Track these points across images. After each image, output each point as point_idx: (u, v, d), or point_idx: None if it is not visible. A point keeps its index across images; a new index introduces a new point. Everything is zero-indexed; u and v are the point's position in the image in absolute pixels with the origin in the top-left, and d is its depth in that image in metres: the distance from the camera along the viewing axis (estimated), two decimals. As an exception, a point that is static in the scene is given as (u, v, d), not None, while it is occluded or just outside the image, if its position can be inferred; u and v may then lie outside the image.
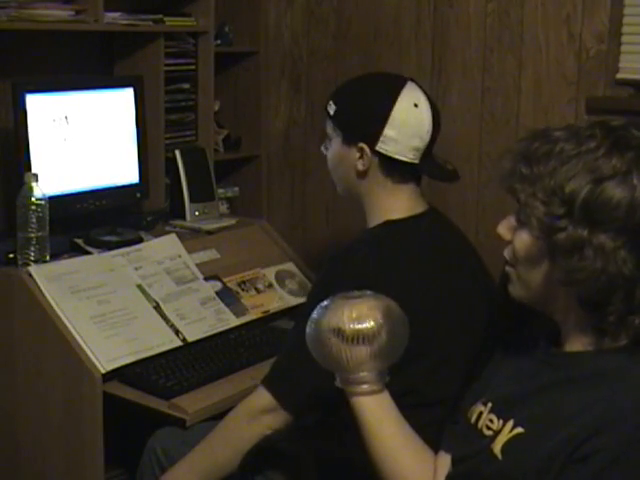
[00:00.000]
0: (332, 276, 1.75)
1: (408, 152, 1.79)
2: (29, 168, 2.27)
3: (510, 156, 1.29)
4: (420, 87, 1.85)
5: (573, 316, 1.28)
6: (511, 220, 1.32)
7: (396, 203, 1.81)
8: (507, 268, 1.34)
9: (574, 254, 1.20)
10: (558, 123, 2.36)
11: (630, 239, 1.19)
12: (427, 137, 1.81)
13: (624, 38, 2.45)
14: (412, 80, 1.85)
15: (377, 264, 1.71)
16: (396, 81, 1.84)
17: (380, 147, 1.78)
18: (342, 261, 1.76)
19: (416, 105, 1.80)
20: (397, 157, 1.79)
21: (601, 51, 2.43)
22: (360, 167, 1.81)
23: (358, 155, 1.81)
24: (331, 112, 1.86)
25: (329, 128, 1.88)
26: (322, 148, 1.94)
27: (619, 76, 2.46)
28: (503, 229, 1.33)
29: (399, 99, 1.79)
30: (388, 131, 1.77)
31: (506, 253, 1.33)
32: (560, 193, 1.21)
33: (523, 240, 1.28)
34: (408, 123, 1.78)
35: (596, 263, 1.19)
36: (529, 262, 1.28)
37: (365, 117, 1.80)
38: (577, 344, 1.28)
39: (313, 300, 1.56)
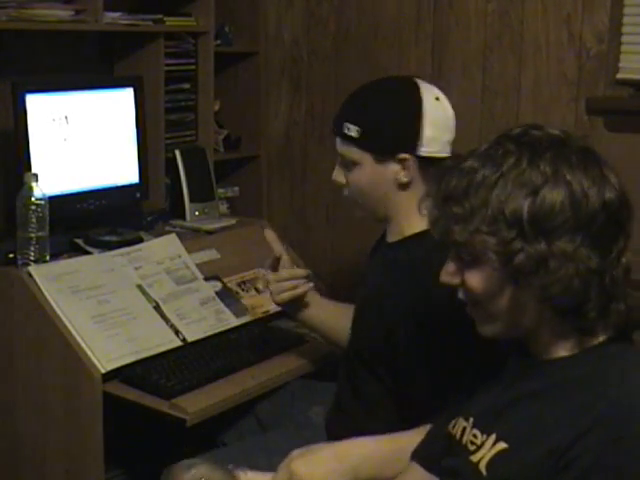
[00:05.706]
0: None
1: (444, 148, 1.73)
2: (29, 168, 2.27)
3: (434, 203, 1.27)
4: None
5: (548, 327, 1.25)
6: (450, 265, 1.28)
7: None
8: (468, 310, 1.30)
9: (540, 270, 1.18)
10: (558, 123, 2.38)
11: (585, 234, 1.18)
12: (454, 128, 1.75)
13: (624, 38, 2.46)
14: (417, 77, 1.79)
15: None
16: (407, 82, 1.77)
17: (422, 151, 1.70)
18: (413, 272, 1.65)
19: (437, 99, 1.74)
20: (438, 155, 1.70)
21: (601, 51, 2.43)
22: (404, 179, 1.71)
23: (398, 167, 1.71)
24: (354, 135, 1.71)
25: (352, 153, 1.73)
26: (335, 177, 1.79)
27: (619, 76, 2.47)
28: (447, 276, 1.29)
29: (422, 98, 1.71)
30: (426, 132, 1.70)
31: (461, 295, 1.29)
32: (502, 217, 1.18)
33: (476, 278, 1.25)
34: (439, 118, 1.72)
35: (566, 271, 1.18)
36: (490, 295, 1.25)
37: (398, 126, 1.71)
38: (557, 350, 1.26)
39: None
